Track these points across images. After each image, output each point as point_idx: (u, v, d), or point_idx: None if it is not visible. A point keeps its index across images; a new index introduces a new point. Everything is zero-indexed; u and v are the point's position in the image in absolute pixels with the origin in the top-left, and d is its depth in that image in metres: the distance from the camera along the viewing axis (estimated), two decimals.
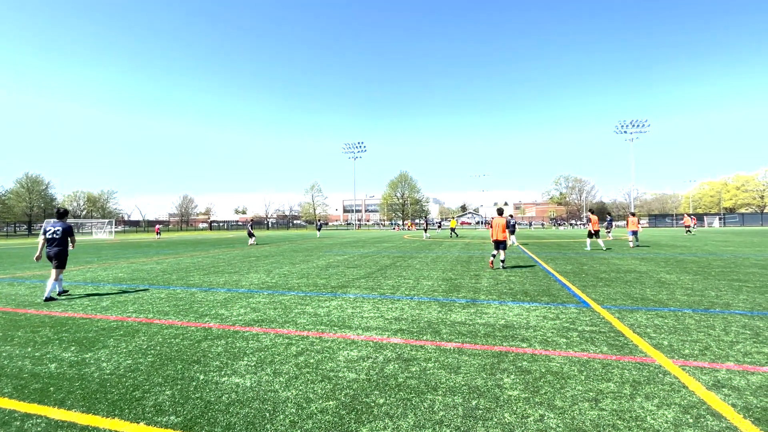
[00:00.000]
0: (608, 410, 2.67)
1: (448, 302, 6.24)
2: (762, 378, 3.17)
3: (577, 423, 2.51)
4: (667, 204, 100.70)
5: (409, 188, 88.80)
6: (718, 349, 3.85)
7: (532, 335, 4.40)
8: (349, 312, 5.64)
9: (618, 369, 3.40)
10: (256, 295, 7.11)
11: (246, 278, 9.23)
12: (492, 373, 3.33)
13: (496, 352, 3.88)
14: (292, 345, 4.18)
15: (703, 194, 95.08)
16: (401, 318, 5.25)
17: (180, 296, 7.07)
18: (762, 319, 4.93)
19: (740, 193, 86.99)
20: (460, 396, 2.91)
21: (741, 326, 4.64)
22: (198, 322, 5.22)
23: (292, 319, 5.27)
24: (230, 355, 3.87)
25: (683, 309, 5.55)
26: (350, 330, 4.72)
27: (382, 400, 2.87)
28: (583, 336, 4.35)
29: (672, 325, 4.74)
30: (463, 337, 4.38)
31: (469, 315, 5.37)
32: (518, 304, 6.05)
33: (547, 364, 3.54)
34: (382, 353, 3.88)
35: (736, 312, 5.33)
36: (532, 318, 5.17)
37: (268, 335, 4.55)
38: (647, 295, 6.60)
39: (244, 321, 5.22)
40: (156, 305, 6.30)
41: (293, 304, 6.21)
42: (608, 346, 3.99)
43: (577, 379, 3.18)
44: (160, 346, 4.20)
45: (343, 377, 3.29)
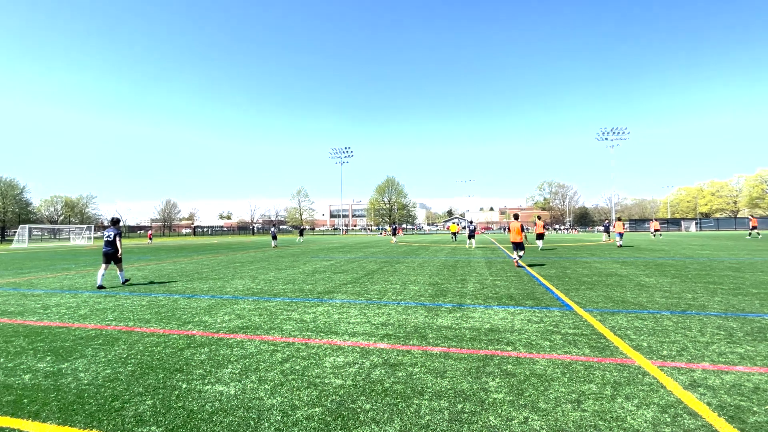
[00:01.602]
0: (590, 411, 2.72)
1: (435, 307, 6.27)
2: (735, 377, 3.28)
3: (560, 424, 2.55)
4: (647, 209, 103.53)
5: (397, 193, 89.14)
6: (694, 350, 3.97)
7: (516, 339, 4.46)
8: (335, 318, 5.61)
9: (599, 370, 3.47)
10: (240, 301, 7.01)
11: (230, 284, 9.09)
12: (477, 377, 3.36)
13: (481, 355, 3.92)
14: (277, 352, 4.13)
15: (680, 200, 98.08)
16: (388, 323, 5.25)
17: (162, 303, 6.91)
18: (735, 320, 5.11)
19: (715, 199, 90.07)
20: (446, 400, 2.93)
21: (716, 327, 4.79)
22: (181, 329, 5.11)
23: (278, 326, 5.21)
24: (214, 363, 3.80)
25: (662, 311, 5.71)
26: (337, 336, 4.69)
27: (369, 405, 2.86)
28: (566, 339, 4.43)
29: (651, 326, 4.87)
30: (450, 341, 4.41)
31: (456, 319, 5.41)
32: (503, 308, 6.13)
33: (531, 366, 3.59)
34: (369, 359, 3.87)
35: (711, 313, 5.51)
36: (517, 322, 5.24)
37: (253, 342, 4.49)
38: (627, 298, 6.77)
39: (228, 328, 5.14)
40: (137, 313, 6.15)
41: (279, 311, 6.15)
42: (590, 348, 4.07)
43: (561, 381, 3.24)
44: (141, 354, 4.10)
45: (329, 383, 3.27)
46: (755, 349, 3.98)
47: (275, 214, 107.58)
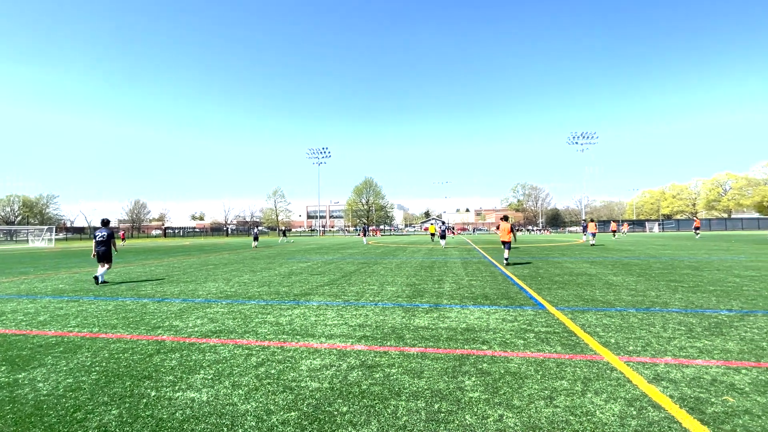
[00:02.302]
0: (562, 407, 2.81)
1: (412, 307, 6.30)
2: (695, 370, 3.46)
3: (533, 421, 2.62)
4: (614, 210, 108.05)
5: (374, 194, 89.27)
6: (657, 345, 4.16)
7: (492, 338, 4.55)
8: (312, 320, 5.55)
9: (570, 367, 3.58)
10: (213, 304, 6.81)
11: (203, 287, 8.83)
12: (454, 376, 3.40)
13: (458, 355, 3.97)
14: (252, 356, 4.04)
15: (644, 202, 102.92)
16: (365, 325, 5.24)
17: (130, 308, 6.63)
18: (695, 316, 5.39)
19: (676, 201, 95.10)
20: (422, 400, 2.95)
21: (677, 323, 5.05)
22: (150, 334, 4.92)
23: (253, 329, 5.10)
24: (185, 369, 3.68)
25: (628, 309, 5.96)
26: (313, 338, 4.64)
27: (346, 408, 2.84)
28: (539, 337, 4.55)
29: (618, 324, 5.08)
30: (427, 341, 4.44)
31: (433, 320, 5.46)
32: (479, 307, 6.23)
33: (505, 365, 3.66)
34: (346, 361, 3.84)
35: (673, 310, 5.80)
36: (492, 321, 5.34)
37: (227, 346, 4.38)
38: (597, 296, 7.03)
39: (200, 332, 4.99)
40: (102, 318, 5.87)
41: (254, 314, 6.02)
42: (562, 346, 4.20)
43: (534, 379, 3.32)
44: (107, 362, 3.92)
45: (305, 387, 3.23)
46: (712, 343, 4.21)
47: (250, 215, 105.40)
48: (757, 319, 5.21)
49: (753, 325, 4.91)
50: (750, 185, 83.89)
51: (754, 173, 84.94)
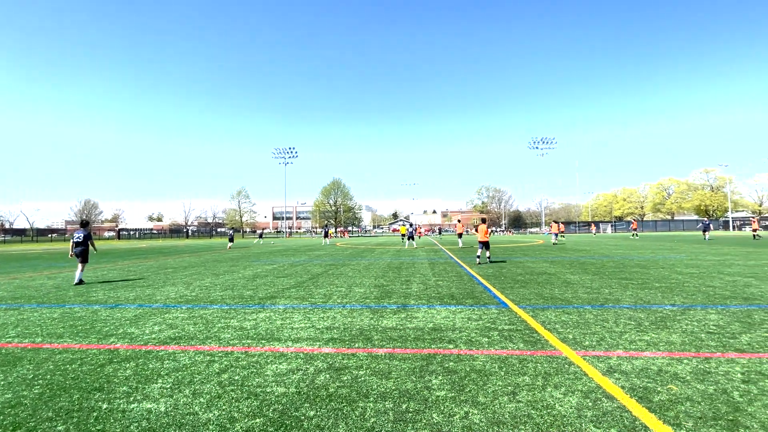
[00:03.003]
0: (524, 402, 2.91)
1: (380, 309, 6.32)
2: (643, 362, 3.71)
3: (497, 416, 2.70)
4: (572, 212, 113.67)
5: (342, 195, 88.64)
6: (610, 339, 4.42)
7: (458, 336, 4.64)
8: (278, 324, 5.42)
9: (532, 363, 3.72)
10: (173, 310, 6.50)
11: (161, 292, 8.40)
12: (421, 376, 3.44)
13: (425, 354, 4.02)
14: (214, 362, 3.89)
15: (598, 204, 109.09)
16: (333, 327, 5.19)
17: (78, 315, 6.19)
18: (643, 312, 5.78)
19: (626, 204, 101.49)
20: (390, 401, 2.96)
21: (627, 318, 5.39)
22: (101, 343, 4.61)
23: (215, 335, 4.91)
24: (141, 378, 3.48)
25: (584, 305, 6.29)
26: (279, 342, 4.53)
27: (313, 412, 2.80)
28: (503, 334, 4.70)
29: (575, 320, 5.34)
30: (394, 342, 4.47)
31: (400, 320, 5.50)
32: (445, 307, 6.35)
33: (471, 363, 3.75)
34: (313, 364, 3.79)
35: (624, 306, 6.18)
36: (458, 320, 5.45)
37: (187, 353, 4.19)
38: (556, 294, 7.36)
39: (158, 339, 4.74)
40: (46, 327, 5.44)
41: (216, 318, 5.80)
42: (524, 343, 4.36)
43: (498, 375, 3.43)
44: (51, 374, 3.63)
45: (271, 392, 3.15)
46: (658, 336, 4.53)
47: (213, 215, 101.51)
48: (696, 312, 5.66)
49: (693, 318, 5.33)
50: (690, 190, 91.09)
51: (694, 179, 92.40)
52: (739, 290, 7.41)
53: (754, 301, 6.42)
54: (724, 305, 6.11)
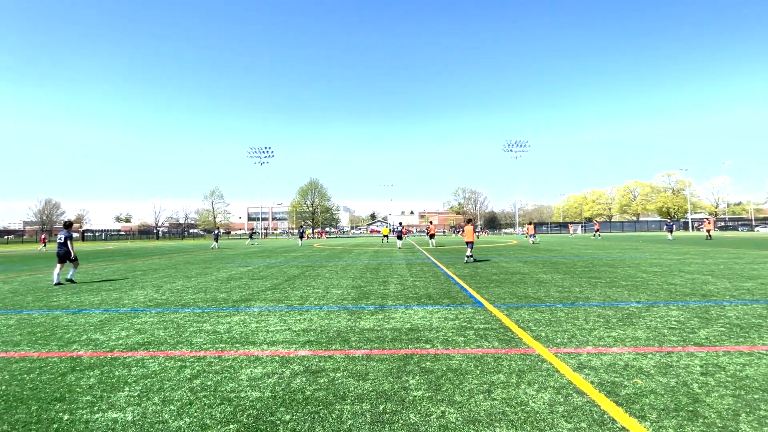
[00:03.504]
0: (499, 399, 2.97)
1: (358, 310, 6.30)
2: (611, 357, 3.86)
3: (473, 414, 2.74)
4: (544, 213, 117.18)
5: (320, 196, 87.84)
6: (580, 336, 4.58)
7: (434, 336, 4.69)
8: (252, 327, 5.31)
9: (507, 361, 3.80)
10: (141, 314, 6.24)
11: (129, 296, 8.06)
12: (398, 377, 3.45)
13: (402, 355, 4.03)
14: (185, 368, 3.76)
15: (569, 206, 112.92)
16: (309, 329, 5.13)
17: (37, 321, 5.85)
18: (611, 309, 6.02)
19: (595, 205, 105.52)
20: (368, 402, 2.95)
21: (596, 316, 5.59)
22: (63, 351, 4.37)
23: (187, 339, 4.75)
24: (106, 387, 3.32)
25: (556, 304, 6.48)
26: (254, 346, 4.44)
27: (289, 416, 2.75)
28: (478, 333, 4.78)
29: (548, 318, 5.50)
30: (372, 343, 4.46)
31: (378, 321, 5.49)
32: (422, 307, 6.40)
33: (447, 362, 3.79)
34: (289, 367, 3.73)
35: (593, 304, 6.42)
36: (434, 320, 5.50)
37: (157, 359, 4.03)
38: (529, 293, 7.56)
39: (125, 345, 4.54)
40: (1, 334, 5.11)
41: (188, 322, 5.61)
42: (499, 341, 4.45)
43: (473, 374, 3.48)
44: (7, 384, 3.41)
45: (245, 397, 3.07)
46: (625, 332, 4.73)
47: (185, 216, 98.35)
48: (659, 309, 5.94)
49: (656, 314, 5.59)
50: (654, 192, 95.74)
51: (657, 182, 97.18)
52: (698, 287, 7.84)
53: (711, 297, 6.81)
54: (685, 302, 6.45)
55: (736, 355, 3.86)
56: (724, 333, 4.60)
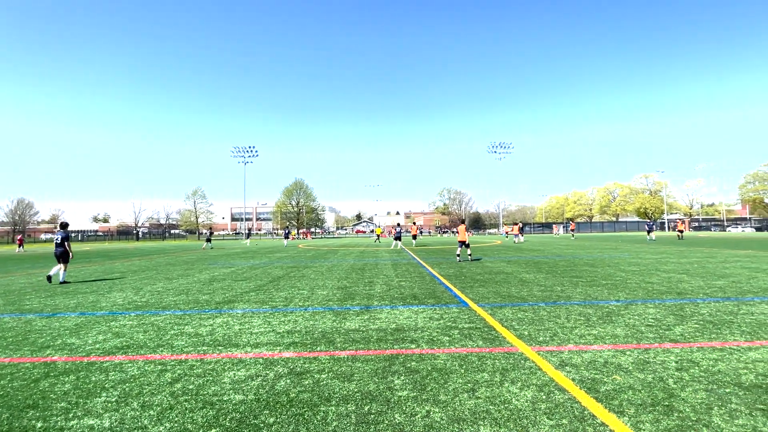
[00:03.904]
0: (483, 398, 3.00)
1: (343, 311, 6.27)
2: (591, 355, 3.95)
3: (458, 413, 2.76)
4: (527, 214, 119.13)
5: (305, 196, 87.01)
6: (562, 334, 4.67)
7: (420, 336, 4.71)
8: (236, 329, 5.22)
9: (490, 360, 3.85)
10: (120, 317, 6.07)
11: (107, 298, 7.82)
12: (384, 377, 3.45)
13: (387, 355, 4.03)
14: (166, 371, 3.67)
15: (551, 206, 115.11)
16: (294, 331, 5.08)
17: (8, 326, 5.62)
18: (591, 307, 6.16)
19: (577, 206, 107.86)
20: (353, 403, 2.94)
21: (578, 314, 5.72)
22: (36, 356, 4.21)
23: (168, 342, 4.64)
24: (82, 393, 3.22)
25: (538, 303, 6.60)
26: (237, 348, 4.37)
27: (273, 419, 2.72)
28: (463, 333, 4.82)
29: (531, 317, 5.59)
30: (357, 344, 4.45)
31: (363, 322, 5.48)
32: (408, 307, 6.41)
33: (432, 362, 3.82)
34: (273, 369, 3.69)
35: (574, 303, 6.56)
36: (420, 320, 5.53)
37: (136, 363, 3.93)
38: (512, 292, 7.67)
39: (103, 349, 4.41)
40: None
41: (169, 325, 5.49)
42: (483, 340, 4.50)
43: (458, 373, 3.51)
44: None
45: (228, 400, 3.02)
46: (605, 329, 4.84)
47: (166, 216, 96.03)
48: (637, 307, 6.11)
49: (635, 312, 5.75)
50: (632, 193, 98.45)
51: (635, 183, 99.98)
52: (674, 286, 8.10)
53: (686, 295, 7.04)
54: (661, 300, 6.66)
55: (709, 350, 4.01)
56: (698, 330, 4.77)
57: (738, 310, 5.80)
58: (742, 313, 5.60)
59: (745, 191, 77.88)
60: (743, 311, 5.70)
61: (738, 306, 6.06)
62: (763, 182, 72.52)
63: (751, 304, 6.22)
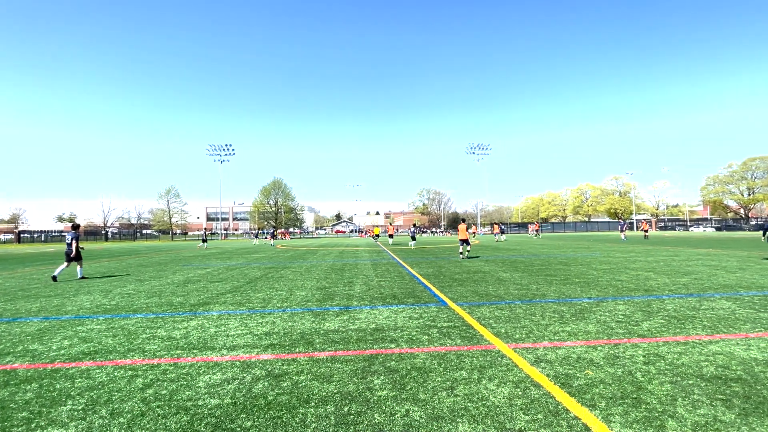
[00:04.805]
0: (461, 395, 3.04)
1: (322, 311, 6.22)
2: (565, 351, 4.07)
3: (437, 411, 2.79)
4: (504, 214, 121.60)
5: (284, 195, 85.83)
6: (537, 332, 4.79)
7: (399, 336, 4.72)
8: (211, 331, 5.09)
9: (468, 357, 3.91)
10: (87, 321, 5.81)
11: (73, 301, 7.47)
12: (363, 377, 3.44)
13: (367, 355, 4.03)
14: (137, 377, 3.54)
15: (527, 207, 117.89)
16: (272, 332, 5.00)
17: None
18: (565, 305, 6.35)
19: (551, 207, 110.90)
20: (332, 405, 2.92)
21: (552, 312, 5.88)
22: None
23: (139, 346, 4.48)
24: (46, 401, 3.06)
25: (515, 301, 6.74)
26: (213, 351, 4.26)
27: (250, 422, 2.67)
28: (442, 332, 4.87)
29: (507, 315, 5.71)
30: (336, 344, 4.42)
31: (343, 322, 5.46)
32: (387, 307, 6.43)
33: (412, 361, 3.84)
34: (251, 372, 3.62)
35: (549, 300, 6.74)
36: (399, 319, 5.55)
37: (104, 369, 3.77)
38: (490, 291, 7.81)
39: (68, 355, 4.21)
40: None
41: (140, 329, 5.29)
42: (461, 339, 4.56)
43: (437, 372, 3.54)
44: None
45: (203, 405, 2.94)
46: (578, 326, 5.00)
47: (137, 216, 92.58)
48: (608, 304, 6.35)
49: (605, 309, 5.97)
50: (603, 194, 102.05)
51: (606, 184, 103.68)
52: (641, 283, 8.46)
53: (653, 292, 7.37)
54: (630, 296, 6.94)
55: (674, 344, 4.20)
56: (664, 325, 5.00)
57: (700, 305, 6.12)
58: (703, 308, 5.91)
59: (706, 193, 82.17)
60: (704, 306, 6.01)
61: (700, 302, 6.39)
62: (722, 184, 76.72)
63: (711, 299, 6.57)
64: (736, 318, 5.27)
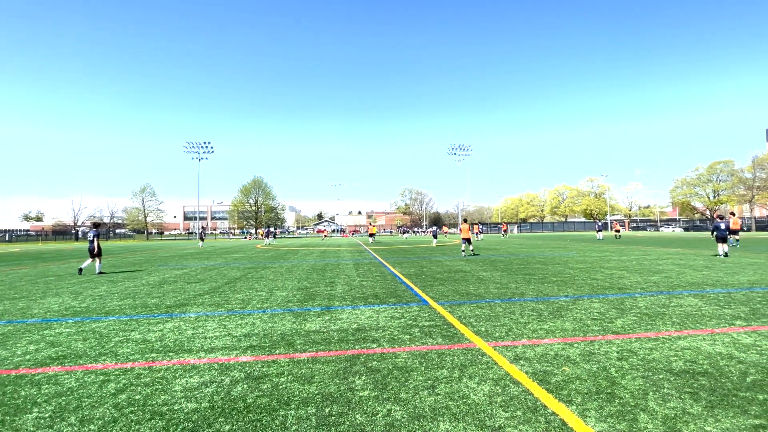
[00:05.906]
0: (443, 394, 3.07)
1: (303, 312, 6.16)
2: (543, 348, 4.16)
3: (418, 411, 2.80)
4: (484, 214, 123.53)
5: (264, 195, 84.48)
6: (516, 330, 4.88)
7: (381, 335, 4.72)
8: (188, 334, 4.96)
9: (450, 356, 3.94)
10: (55, 324, 5.57)
11: (40, 304, 7.14)
12: (345, 378, 3.43)
13: (349, 356, 4.01)
14: (109, 382, 3.41)
15: (506, 207, 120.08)
16: (252, 334, 4.91)
17: None
18: (543, 303, 6.49)
19: (530, 207, 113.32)
20: (313, 406, 2.89)
21: (530, 310, 6.00)
22: None
23: (111, 350, 4.32)
24: (9, 409, 2.91)
25: (495, 300, 6.85)
26: (190, 354, 4.15)
27: (228, 426, 2.61)
28: (423, 331, 4.90)
29: (487, 314, 5.79)
30: (318, 345, 4.39)
31: (324, 322, 5.41)
32: (369, 307, 6.42)
33: (393, 360, 3.84)
34: (229, 375, 3.54)
35: (527, 299, 6.88)
36: (381, 319, 5.55)
37: (74, 374, 3.62)
38: (470, 290, 7.91)
39: (34, 360, 4.01)
40: None
41: (113, 332, 5.11)
42: (442, 337, 4.60)
43: (419, 371, 3.56)
44: None
45: (179, 410, 2.86)
46: (555, 324, 5.13)
47: (110, 215, 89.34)
48: (584, 302, 6.53)
49: (581, 307, 6.14)
50: (579, 195, 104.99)
51: (582, 186, 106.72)
52: (615, 281, 8.74)
53: (626, 290, 7.63)
54: (604, 294, 7.16)
55: (645, 340, 4.36)
56: (636, 322, 5.18)
57: (669, 302, 6.37)
58: (672, 305, 6.16)
59: (675, 194, 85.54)
60: (674, 304, 6.27)
61: (669, 299, 6.66)
62: (690, 186, 80.00)
63: (680, 297, 6.86)
64: (703, 314, 5.51)
